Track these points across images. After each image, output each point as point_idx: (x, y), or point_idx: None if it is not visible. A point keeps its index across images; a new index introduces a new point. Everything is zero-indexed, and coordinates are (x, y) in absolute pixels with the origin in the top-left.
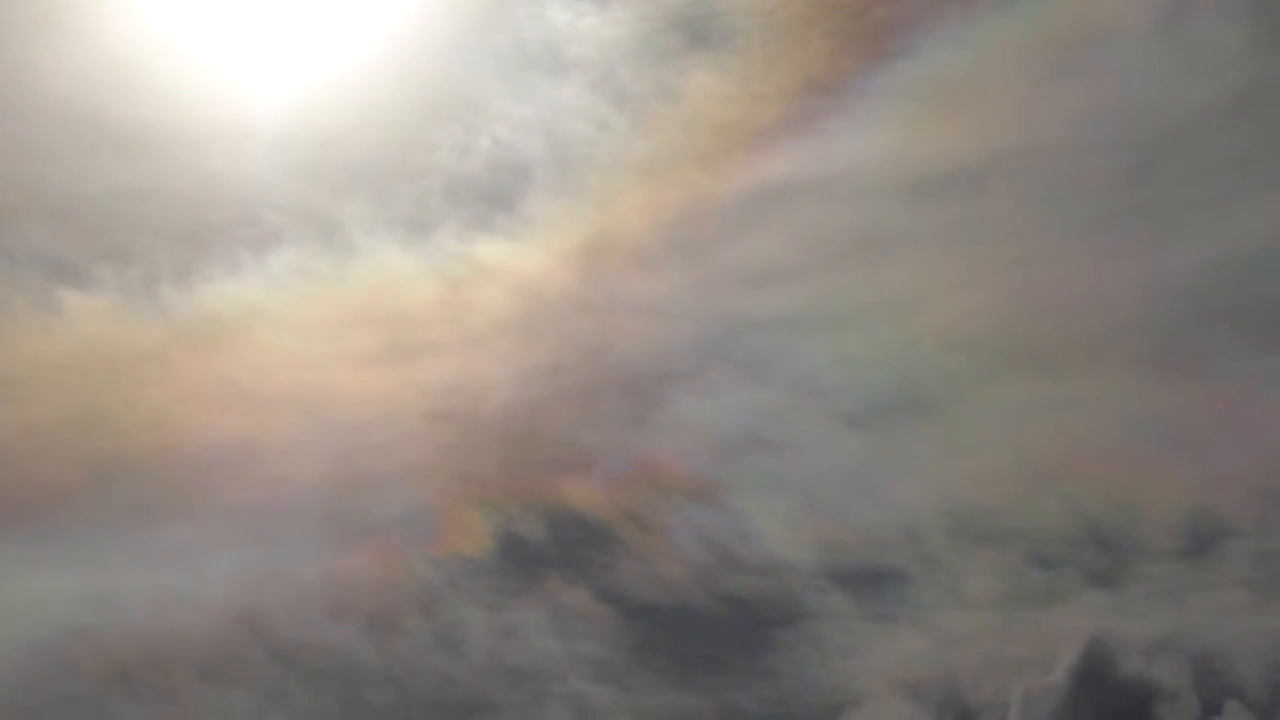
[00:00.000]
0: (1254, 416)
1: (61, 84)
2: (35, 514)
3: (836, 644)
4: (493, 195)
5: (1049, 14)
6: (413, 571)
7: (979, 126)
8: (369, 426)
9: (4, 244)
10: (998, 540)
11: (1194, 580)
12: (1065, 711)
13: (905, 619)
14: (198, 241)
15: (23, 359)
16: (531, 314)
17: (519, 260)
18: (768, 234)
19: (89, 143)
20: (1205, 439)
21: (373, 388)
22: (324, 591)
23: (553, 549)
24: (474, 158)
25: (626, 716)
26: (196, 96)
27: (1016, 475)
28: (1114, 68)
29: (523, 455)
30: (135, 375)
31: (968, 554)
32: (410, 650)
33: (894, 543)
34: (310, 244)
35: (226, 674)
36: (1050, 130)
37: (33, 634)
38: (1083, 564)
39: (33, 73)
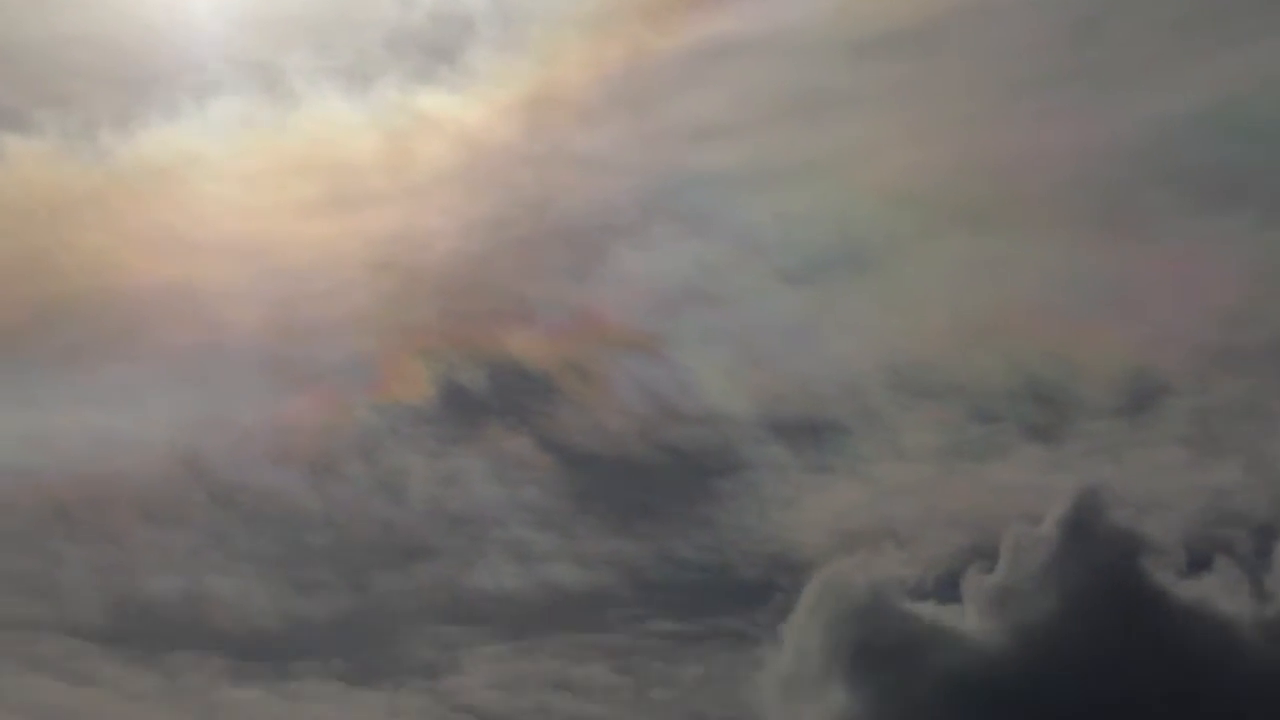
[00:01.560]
0: (1194, 276)
1: None
2: None
3: (775, 494)
4: (435, 47)
5: None
6: (354, 418)
7: None
8: (310, 274)
9: None
10: (937, 395)
11: (1132, 437)
12: (1054, 562)
13: (843, 471)
14: (139, 88)
15: None
16: (474, 166)
17: (461, 112)
18: (711, 89)
19: None
20: (1146, 298)
21: (314, 236)
22: (265, 436)
23: (494, 398)
24: (416, 9)
25: (565, 563)
26: None
27: (957, 331)
28: None
29: (464, 305)
30: (75, 219)
31: (907, 408)
32: (351, 495)
33: (833, 396)
34: (251, 93)
35: (167, 515)
36: None
37: None
38: (1021, 419)
39: None
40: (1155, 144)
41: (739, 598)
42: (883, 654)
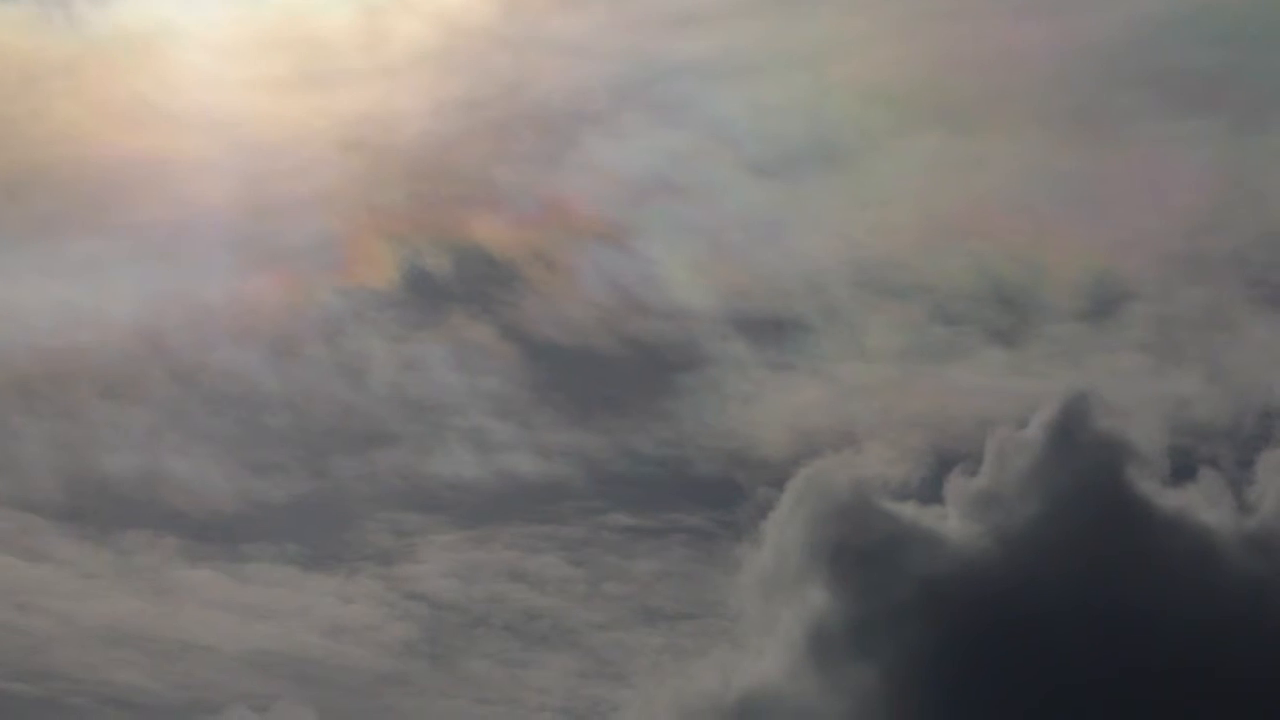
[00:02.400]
0: (1163, 181)
1: None
2: None
3: (736, 390)
4: None
5: None
6: (317, 300)
7: None
8: (280, 151)
9: None
10: (902, 294)
11: (1094, 343)
12: (1039, 466)
13: (805, 369)
14: None
15: None
16: (449, 46)
17: None
18: None
19: None
20: (1114, 202)
21: (286, 112)
22: (228, 314)
23: (458, 284)
24: None
25: (524, 452)
26: None
27: (924, 230)
28: None
29: (433, 189)
30: (48, 87)
31: (871, 307)
32: (311, 378)
33: (798, 293)
34: None
35: (127, 391)
36: None
37: None
38: (985, 321)
39: None
40: (1132, 46)
41: (696, 494)
42: (862, 553)
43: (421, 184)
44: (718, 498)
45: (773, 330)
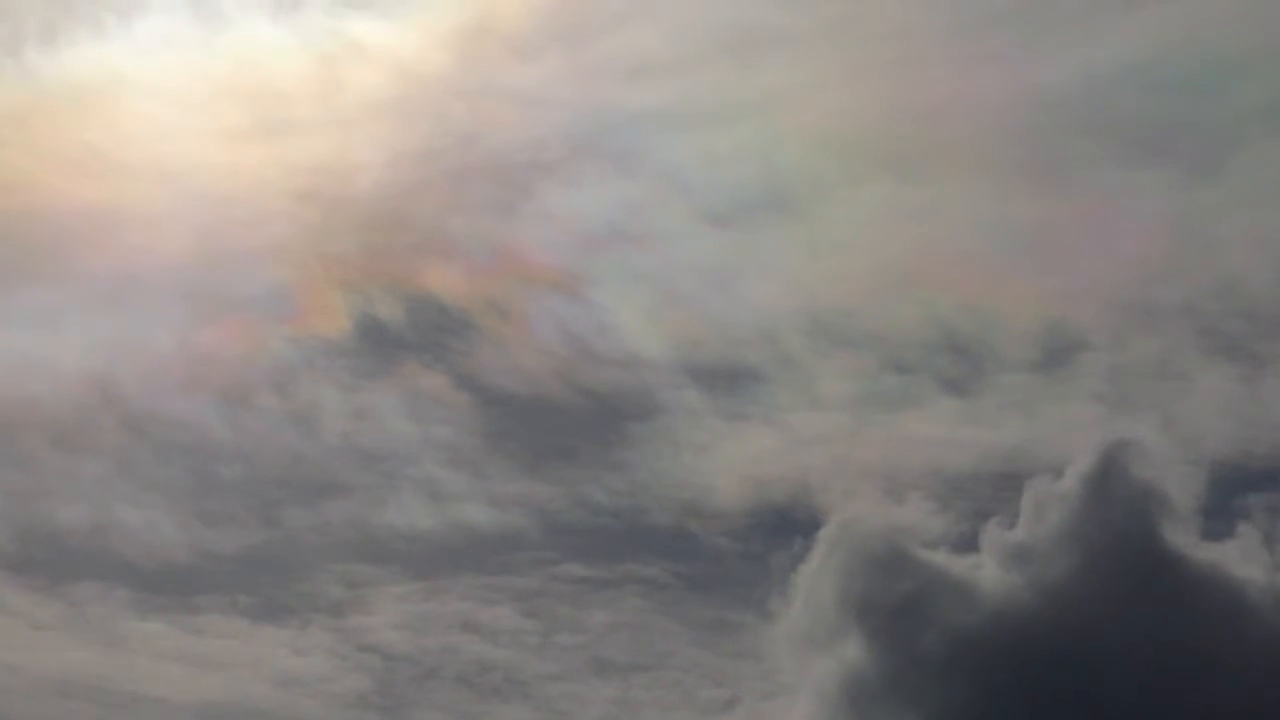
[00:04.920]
0: (1115, 230)
1: None
2: None
3: (690, 440)
4: None
5: None
6: (269, 349)
7: None
8: (232, 201)
9: None
10: (854, 343)
11: (1046, 392)
12: (1075, 519)
13: (759, 418)
14: (66, 5)
15: None
16: (404, 97)
17: (393, 41)
18: (646, 25)
19: None
20: (1065, 251)
21: (238, 162)
22: (179, 364)
23: (411, 334)
24: None
25: (478, 502)
26: None
27: (876, 279)
28: None
29: (387, 239)
30: None
31: (824, 356)
32: (263, 427)
33: (751, 341)
34: (179, 12)
35: (77, 443)
36: None
37: None
38: (937, 371)
39: None
40: (1084, 95)
41: (650, 544)
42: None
43: (375, 233)
44: (672, 548)
45: (726, 379)
